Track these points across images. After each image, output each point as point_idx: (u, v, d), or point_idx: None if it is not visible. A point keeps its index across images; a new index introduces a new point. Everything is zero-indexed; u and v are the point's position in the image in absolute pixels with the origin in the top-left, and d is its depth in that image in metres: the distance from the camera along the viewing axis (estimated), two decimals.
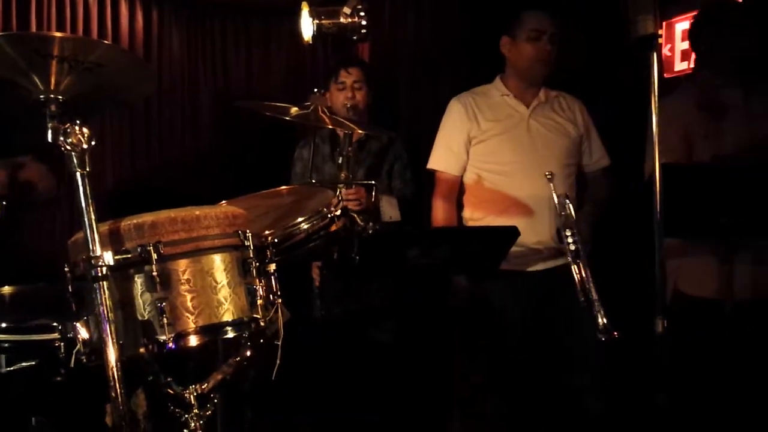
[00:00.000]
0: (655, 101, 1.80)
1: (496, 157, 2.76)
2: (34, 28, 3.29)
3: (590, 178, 2.87)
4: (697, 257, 2.49)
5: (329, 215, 1.90)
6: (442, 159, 2.84)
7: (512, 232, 2.33)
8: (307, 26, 2.82)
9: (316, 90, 2.91)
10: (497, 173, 2.75)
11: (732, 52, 2.52)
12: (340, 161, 2.71)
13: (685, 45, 3.40)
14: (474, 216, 2.82)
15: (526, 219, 2.66)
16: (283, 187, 2.50)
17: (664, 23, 3.45)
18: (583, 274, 2.35)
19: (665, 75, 3.46)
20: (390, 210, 2.94)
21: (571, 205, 2.44)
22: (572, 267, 2.37)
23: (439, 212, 2.83)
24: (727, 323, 2.33)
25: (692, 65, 3.35)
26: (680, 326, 2.34)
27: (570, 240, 2.39)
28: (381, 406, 2.90)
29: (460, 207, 2.88)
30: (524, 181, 2.70)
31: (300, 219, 1.83)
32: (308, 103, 2.48)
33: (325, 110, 2.48)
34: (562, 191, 2.53)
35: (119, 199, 3.47)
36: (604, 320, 2.26)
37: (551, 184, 2.46)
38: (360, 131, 2.83)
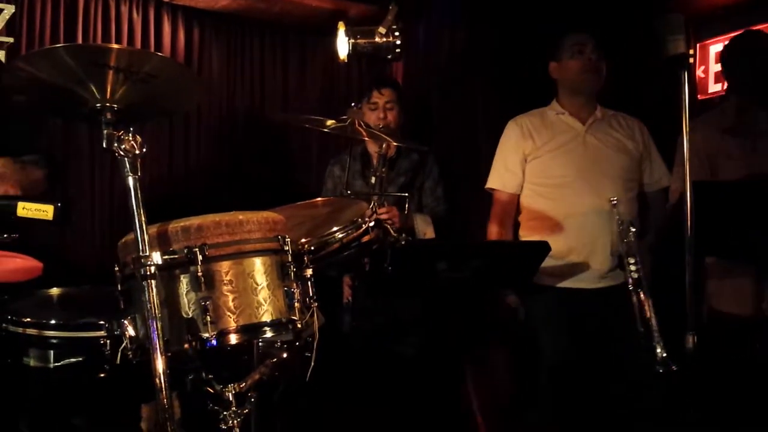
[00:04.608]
0: (686, 120, 1.84)
1: (551, 171, 2.76)
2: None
3: (651, 198, 2.82)
4: (733, 275, 2.50)
5: (363, 225, 1.95)
6: (499, 178, 2.87)
7: (543, 247, 2.35)
8: (342, 45, 2.88)
9: (353, 104, 2.96)
10: (552, 186, 2.75)
11: (763, 77, 2.58)
12: (373, 180, 2.74)
13: (719, 67, 3.43)
14: (529, 234, 2.81)
15: (581, 233, 2.66)
16: (319, 198, 2.56)
17: (698, 45, 3.48)
18: (644, 304, 2.30)
19: (699, 96, 3.47)
20: (424, 227, 2.95)
21: (634, 231, 2.40)
22: (632, 296, 2.32)
23: (494, 233, 2.86)
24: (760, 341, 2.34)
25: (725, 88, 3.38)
26: (715, 343, 2.38)
27: (633, 268, 2.35)
28: (406, 419, 2.92)
29: (517, 227, 2.88)
30: (581, 193, 2.67)
31: (335, 228, 1.89)
32: (345, 117, 2.54)
33: (362, 123, 2.54)
34: (625, 210, 2.51)
35: (155, 207, 3.54)
36: (664, 353, 2.22)
37: (615, 209, 2.43)
38: (394, 144, 2.87)
